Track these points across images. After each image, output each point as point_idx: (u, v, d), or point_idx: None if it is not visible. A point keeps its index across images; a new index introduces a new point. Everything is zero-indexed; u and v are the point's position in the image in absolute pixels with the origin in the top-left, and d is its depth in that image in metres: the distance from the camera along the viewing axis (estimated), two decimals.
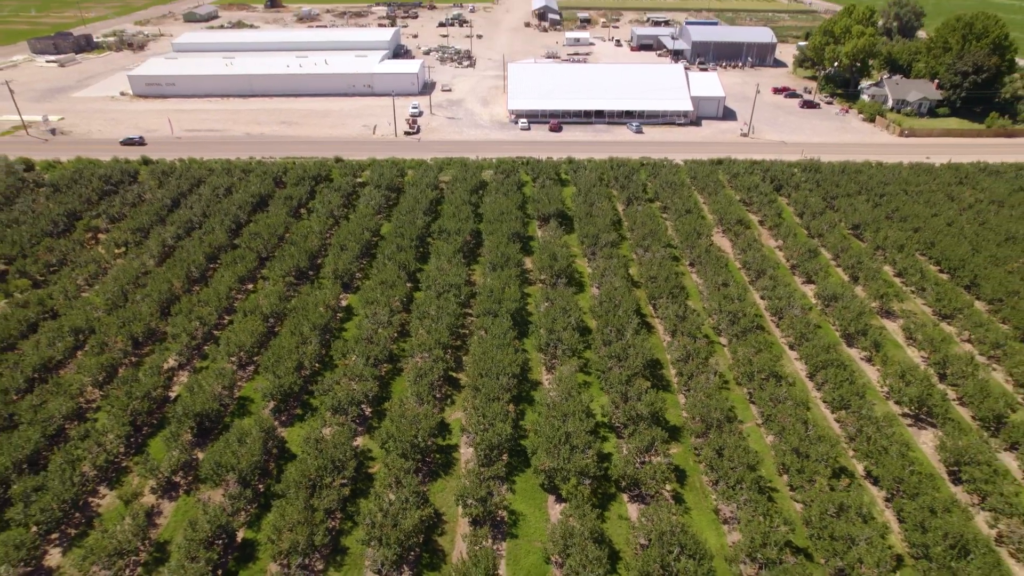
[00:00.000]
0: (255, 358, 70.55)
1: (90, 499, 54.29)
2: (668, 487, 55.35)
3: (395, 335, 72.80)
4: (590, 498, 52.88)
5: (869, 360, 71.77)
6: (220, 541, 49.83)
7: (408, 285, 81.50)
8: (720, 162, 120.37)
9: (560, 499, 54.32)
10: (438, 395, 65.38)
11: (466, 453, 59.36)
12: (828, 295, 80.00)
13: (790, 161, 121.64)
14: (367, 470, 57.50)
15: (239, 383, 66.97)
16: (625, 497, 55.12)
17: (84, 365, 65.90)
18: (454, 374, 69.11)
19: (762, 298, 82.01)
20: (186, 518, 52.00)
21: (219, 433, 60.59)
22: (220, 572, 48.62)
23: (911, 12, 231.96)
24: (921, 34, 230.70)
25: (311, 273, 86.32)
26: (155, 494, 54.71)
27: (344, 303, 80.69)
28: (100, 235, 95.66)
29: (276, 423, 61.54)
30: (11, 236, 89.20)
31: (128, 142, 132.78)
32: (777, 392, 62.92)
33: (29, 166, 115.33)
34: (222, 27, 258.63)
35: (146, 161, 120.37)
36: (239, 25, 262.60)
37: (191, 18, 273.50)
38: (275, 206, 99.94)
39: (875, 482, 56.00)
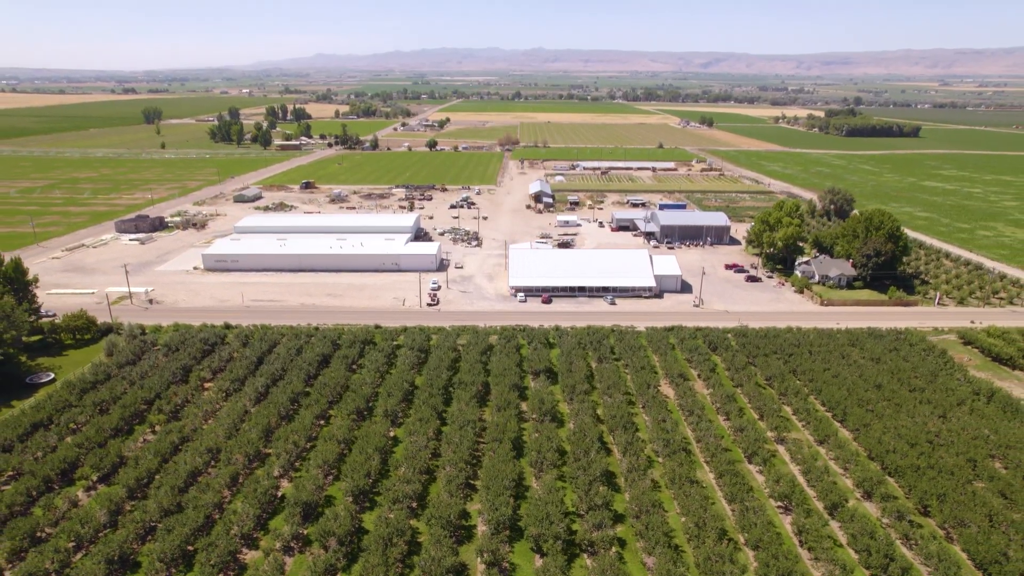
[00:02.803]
0: (333, 470, 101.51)
1: (238, 555, 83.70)
2: (613, 549, 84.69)
3: (430, 455, 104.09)
4: (561, 553, 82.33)
5: (761, 472, 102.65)
6: None
7: (437, 421, 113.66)
8: (672, 329, 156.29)
9: (543, 555, 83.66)
10: (462, 494, 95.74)
11: (481, 528, 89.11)
12: (738, 427, 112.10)
13: (726, 327, 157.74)
14: (417, 539, 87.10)
15: (325, 486, 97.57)
16: (585, 556, 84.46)
17: (218, 473, 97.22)
18: (472, 481, 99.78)
19: (691, 430, 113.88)
20: (303, 566, 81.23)
21: (315, 518, 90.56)
22: None
23: (843, 199, 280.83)
24: (856, 213, 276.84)
25: (366, 412, 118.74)
26: (280, 552, 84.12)
27: (392, 434, 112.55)
28: (207, 384, 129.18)
29: (355, 509, 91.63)
30: (148, 384, 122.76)
31: None
32: (691, 491, 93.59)
33: (142, 330, 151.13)
34: (267, 207, 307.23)
35: (228, 326, 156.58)
36: (281, 205, 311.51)
37: (240, 199, 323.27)
38: (335, 363, 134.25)
39: (747, 543, 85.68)
